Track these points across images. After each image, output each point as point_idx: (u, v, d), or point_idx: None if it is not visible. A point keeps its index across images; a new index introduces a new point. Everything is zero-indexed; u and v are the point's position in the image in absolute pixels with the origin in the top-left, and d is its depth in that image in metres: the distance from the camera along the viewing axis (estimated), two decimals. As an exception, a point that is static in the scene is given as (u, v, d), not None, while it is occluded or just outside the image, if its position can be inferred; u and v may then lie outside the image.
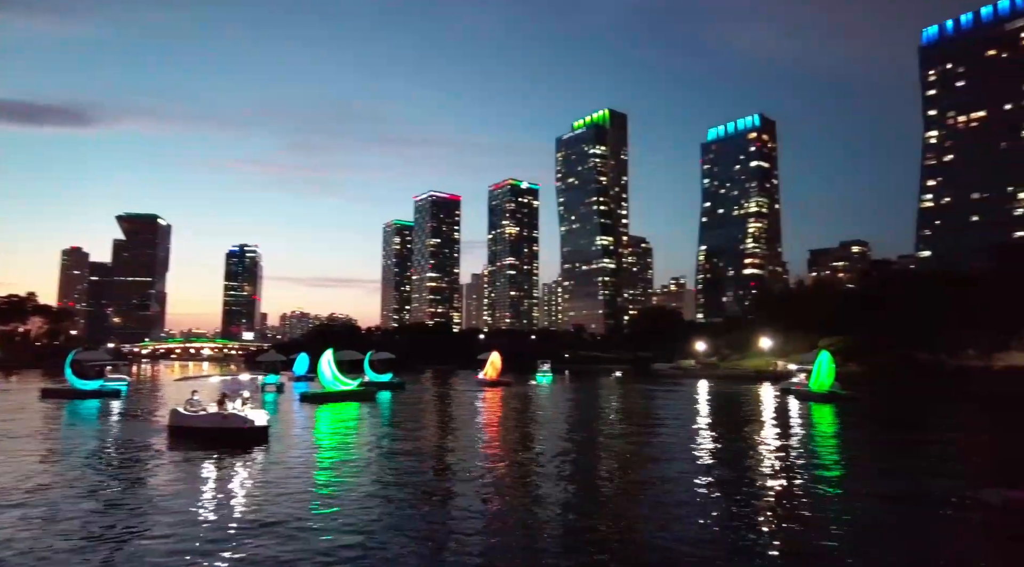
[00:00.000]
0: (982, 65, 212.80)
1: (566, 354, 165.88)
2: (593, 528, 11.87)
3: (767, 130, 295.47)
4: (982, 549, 10.51)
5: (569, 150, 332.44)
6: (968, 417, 35.48)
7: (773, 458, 20.43)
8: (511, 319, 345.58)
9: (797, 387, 50.25)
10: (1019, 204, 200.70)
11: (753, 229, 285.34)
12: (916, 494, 15.07)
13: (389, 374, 60.40)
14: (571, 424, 31.68)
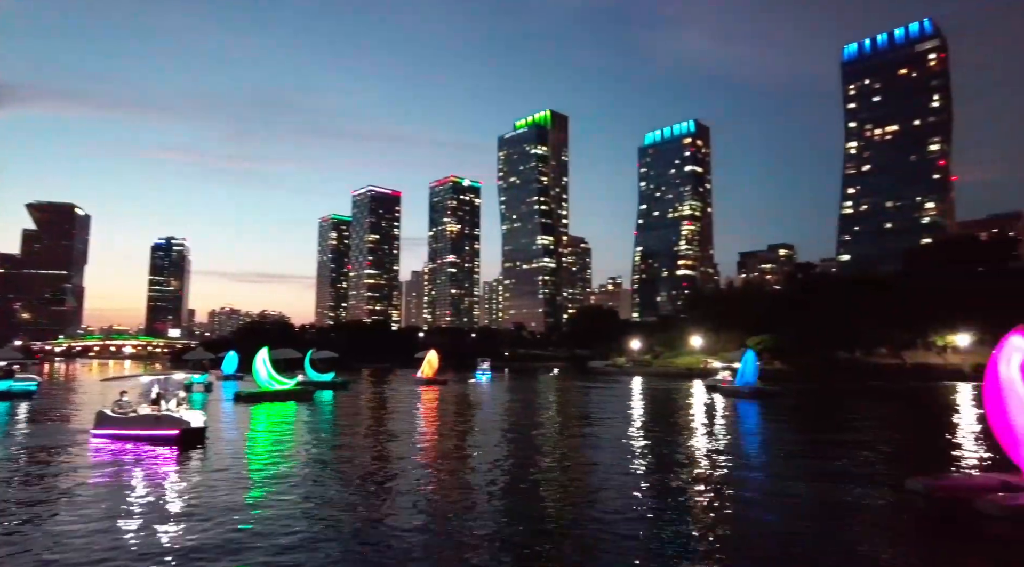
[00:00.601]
0: (895, 82, 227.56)
1: (506, 352, 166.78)
2: (531, 532, 12.07)
3: (701, 136, 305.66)
4: (909, 535, 11.22)
5: (511, 149, 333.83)
6: (882, 411, 37.91)
7: (701, 452, 21.25)
8: (452, 317, 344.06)
9: (723, 384, 52.52)
10: (926, 213, 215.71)
11: (687, 231, 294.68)
12: (842, 485, 15.88)
13: (331, 373, 59.11)
14: (508, 421, 31.95)
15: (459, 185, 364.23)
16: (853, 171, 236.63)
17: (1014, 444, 11.35)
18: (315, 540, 10.78)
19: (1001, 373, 11.48)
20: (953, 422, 30.83)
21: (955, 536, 10.63)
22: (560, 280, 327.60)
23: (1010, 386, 11.30)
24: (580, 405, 41.95)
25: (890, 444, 24.08)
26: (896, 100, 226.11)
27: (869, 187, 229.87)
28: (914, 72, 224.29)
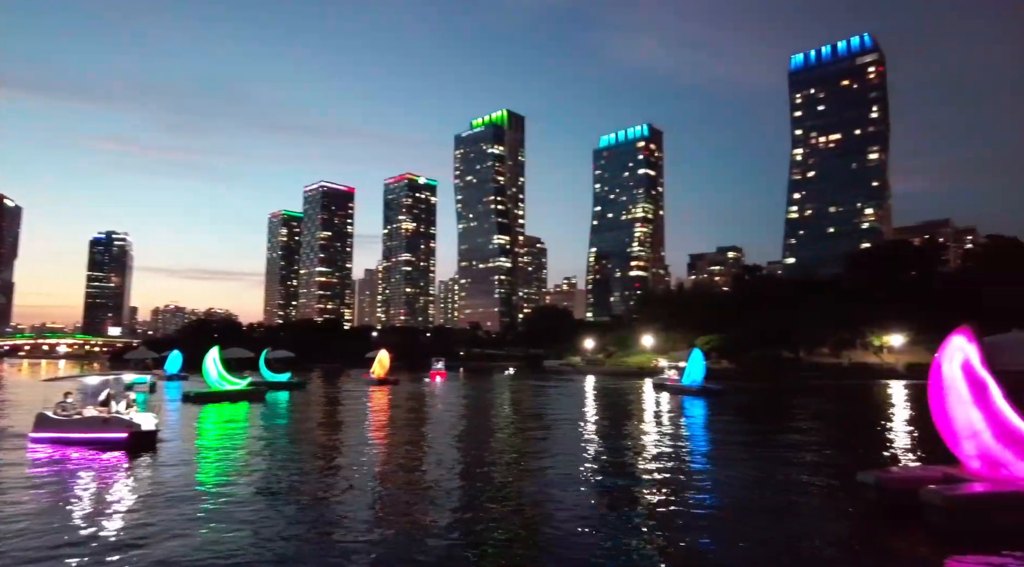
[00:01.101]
0: (838, 93, 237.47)
1: (461, 352, 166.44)
2: (482, 527, 12.24)
3: (655, 140, 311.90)
4: (859, 526, 11.84)
5: (468, 148, 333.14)
6: (823, 408, 39.59)
7: (650, 450, 21.79)
8: (406, 316, 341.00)
9: (670, 382, 53.95)
10: (866, 219, 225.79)
11: (639, 233, 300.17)
12: (791, 479, 16.58)
13: (287, 373, 57.88)
14: (460, 421, 32.06)
15: (415, 183, 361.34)
16: (799, 177, 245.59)
17: (954, 438, 12.18)
18: (265, 540, 10.70)
19: (944, 372, 12.18)
20: (889, 418, 32.48)
21: (902, 524, 11.35)
22: (516, 280, 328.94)
23: (951, 384, 12.05)
24: (533, 404, 42.32)
25: (832, 439, 25.23)
26: (839, 110, 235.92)
27: (813, 193, 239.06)
28: (855, 84, 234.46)
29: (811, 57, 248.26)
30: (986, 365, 11.63)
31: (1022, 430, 11.37)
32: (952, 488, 11.02)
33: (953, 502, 10.61)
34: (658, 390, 53.08)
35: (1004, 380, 11.58)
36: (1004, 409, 11.46)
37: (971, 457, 12.01)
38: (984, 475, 11.74)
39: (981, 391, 11.63)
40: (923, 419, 32.23)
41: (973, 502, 10.77)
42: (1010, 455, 11.49)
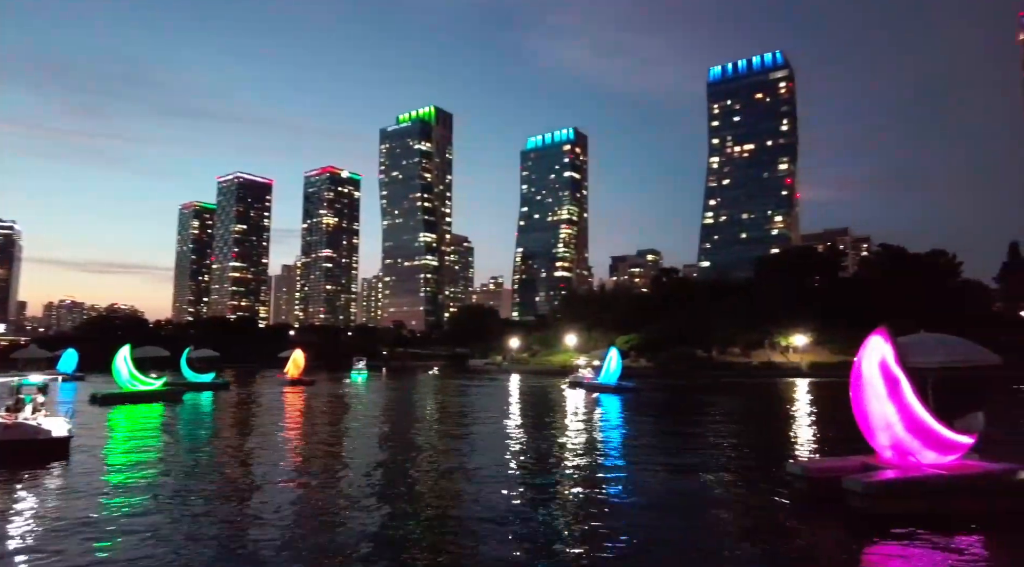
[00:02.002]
0: (752, 105, 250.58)
1: (384, 351, 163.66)
2: (405, 532, 11.87)
3: (580, 143, 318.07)
4: (788, 514, 12.52)
5: (393, 143, 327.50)
6: (734, 404, 41.43)
7: (569, 447, 22.02)
8: (326, 314, 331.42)
9: (586, 380, 55.22)
10: (775, 225, 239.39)
11: (565, 235, 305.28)
12: (717, 471, 17.11)
13: (211, 373, 54.79)
14: (383, 421, 31.34)
15: (337, 176, 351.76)
16: (715, 184, 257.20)
17: (871, 430, 13.24)
18: (177, 552, 9.90)
19: (863, 370, 13.14)
20: (794, 413, 34.36)
21: (826, 510, 12.27)
22: (442, 278, 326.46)
23: (869, 381, 13.04)
24: (455, 403, 42.09)
25: (742, 434, 26.31)
26: (752, 122, 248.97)
27: (728, 200, 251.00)
28: (767, 97, 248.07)
29: (728, 70, 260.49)
30: (900, 363, 12.59)
31: (928, 422, 12.47)
32: (870, 475, 11.98)
33: (872, 488, 11.56)
34: (574, 388, 54.02)
35: (914, 376, 12.65)
36: (913, 403, 12.52)
37: (885, 447, 13.05)
38: (896, 463, 12.77)
39: (895, 387, 12.62)
40: (825, 414, 34.39)
41: (888, 487, 11.72)
42: (918, 444, 12.65)
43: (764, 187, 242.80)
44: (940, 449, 12.64)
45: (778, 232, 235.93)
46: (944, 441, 12.59)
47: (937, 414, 12.55)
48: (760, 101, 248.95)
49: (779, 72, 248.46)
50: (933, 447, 12.62)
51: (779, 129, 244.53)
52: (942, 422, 12.59)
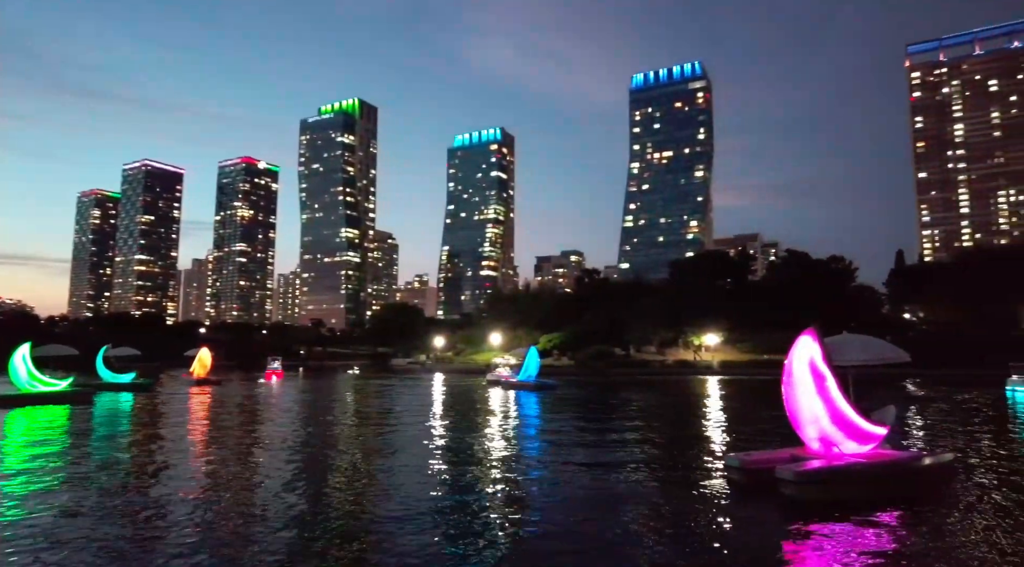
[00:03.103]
0: (672, 114, 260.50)
1: (302, 350, 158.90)
2: (321, 536, 11.52)
3: (507, 144, 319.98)
4: (725, 505, 13.07)
5: (315, 135, 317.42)
6: (647, 401, 42.89)
7: (489, 446, 22.11)
8: (240, 311, 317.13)
9: (504, 378, 55.79)
10: (690, 230, 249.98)
11: (491, 234, 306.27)
12: (634, 465, 17.56)
13: (132, 373, 50.92)
14: (298, 422, 30.34)
15: (254, 167, 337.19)
16: (635, 189, 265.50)
17: (800, 423, 14.28)
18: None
19: (794, 368, 14.10)
20: (705, 409, 35.95)
21: (760, 498, 13.16)
22: (364, 275, 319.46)
23: (799, 378, 14.02)
24: (376, 403, 41.38)
25: (657, 428, 27.20)
26: (671, 129, 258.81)
27: (647, 204, 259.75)
28: (686, 107, 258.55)
29: (649, 78, 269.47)
30: (826, 361, 13.65)
31: (850, 415, 13.69)
32: (800, 465, 12.99)
33: (802, 476, 12.55)
34: (493, 386, 54.36)
35: (838, 373, 13.78)
36: (838, 398, 13.66)
37: (812, 439, 14.10)
38: (822, 454, 13.89)
39: (822, 383, 13.70)
40: (733, 409, 36.23)
41: (816, 476, 12.74)
42: (841, 435, 13.81)
43: (681, 193, 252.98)
44: (860, 439, 13.86)
45: (693, 236, 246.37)
46: (863, 432, 13.85)
47: (856, 408, 13.79)
48: (679, 110, 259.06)
49: (697, 82, 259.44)
50: (854, 438, 13.81)
51: (696, 137, 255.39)
52: (861, 415, 13.85)
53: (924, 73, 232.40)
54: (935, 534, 10.76)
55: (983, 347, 70.98)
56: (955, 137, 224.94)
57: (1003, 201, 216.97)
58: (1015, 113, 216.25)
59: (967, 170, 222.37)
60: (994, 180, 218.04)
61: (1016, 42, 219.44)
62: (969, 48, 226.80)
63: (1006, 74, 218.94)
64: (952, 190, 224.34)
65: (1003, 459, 18.01)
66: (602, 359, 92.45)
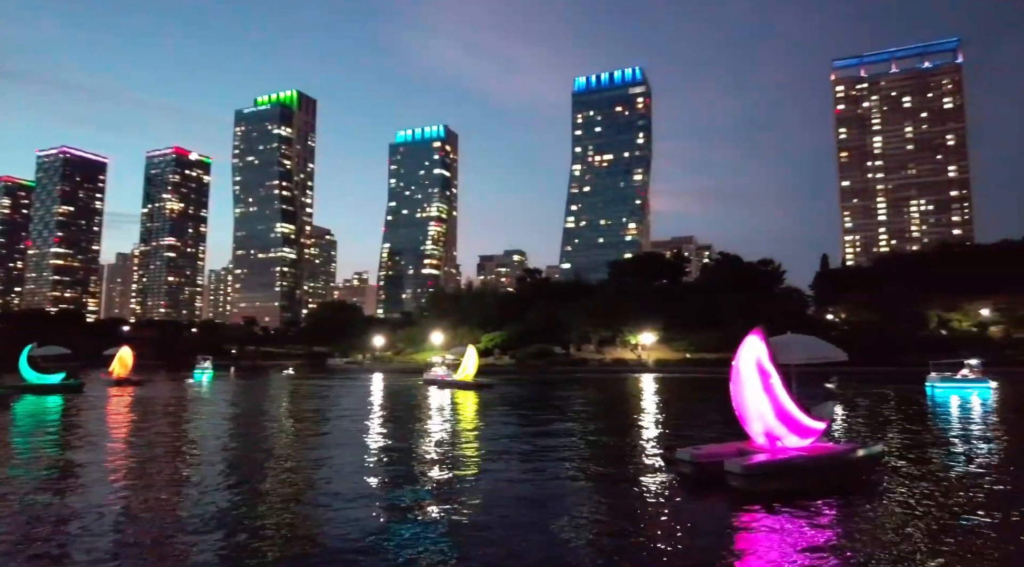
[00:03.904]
0: (612, 118, 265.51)
1: (233, 349, 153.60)
2: (249, 540, 11.15)
3: (451, 141, 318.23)
4: (676, 497, 13.61)
5: (250, 126, 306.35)
6: (585, 398, 43.56)
7: (423, 441, 21.96)
8: (168, 308, 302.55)
9: (440, 377, 55.68)
10: (629, 232, 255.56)
11: (433, 232, 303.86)
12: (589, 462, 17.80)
13: (61, 374, 47.32)
14: (228, 425, 29.27)
15: (185, 158, 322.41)
16: (576, 191, 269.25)
17: (746, 420, 15.00)
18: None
19: (741, 366, 14.76)
20: (640, 405, 36.82)
21: (710, 489, 13.71)
22: (301, 272, 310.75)
23: (747, 376, 14.68)
24: (310, 404, 40.47)
25: (591, 425, 27.66)
26: (612, 133, 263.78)
27: (588, 206, 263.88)
28: (626, 111, 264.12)
29: (592, 82, 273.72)
30: (772, 360, 14.34)
31: (793, 411, 14.48)
32: (746, 458, 13.63)
33: (749, 469, 13.17)
34: (430, 385, 54.07)
35: (782, 371, 14.47)
36: (782, 394, 14.42)
37: (758, 434, 14.81)
38: (767, 448, 14.61)
39: (767, 381, 14.39)
40: (667, 406, 37.30)
41: (762, 468, 13.41)
42: (785, 430, 14.56)
43: (621, 196, 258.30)
44: (801, 434, 14.64)
45: (632, 238, 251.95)
46: (805, 427, 14.65)
47: (799, 404, 14.63)
48: (620, 114, 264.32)
49: (637, 88, 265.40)
50: (796, 432, 14.61)
51: (635, 142, 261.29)
52: (803, 410, 14.66)
53: (847, 87, 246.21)
54: (869, 520, 11.51)
55: (898, 346, 75.85)
56: (874, 149, 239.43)
57: (915, 210, 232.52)
58: (925, 129, 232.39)
59: (884, 180, 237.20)
60: (907, 190, 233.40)
61: (927, 62, 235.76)
62: (887, 66, 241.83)
63: (918, 92, 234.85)
64: (871, 199, 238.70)
65: (926, 451, 19.33)
66: (542, 358, 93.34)
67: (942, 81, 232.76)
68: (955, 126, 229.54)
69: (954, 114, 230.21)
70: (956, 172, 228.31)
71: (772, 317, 71.61)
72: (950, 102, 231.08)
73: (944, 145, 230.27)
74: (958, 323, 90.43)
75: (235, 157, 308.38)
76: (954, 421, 27.66)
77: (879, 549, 9.77)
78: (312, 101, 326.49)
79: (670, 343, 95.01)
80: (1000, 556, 9.45)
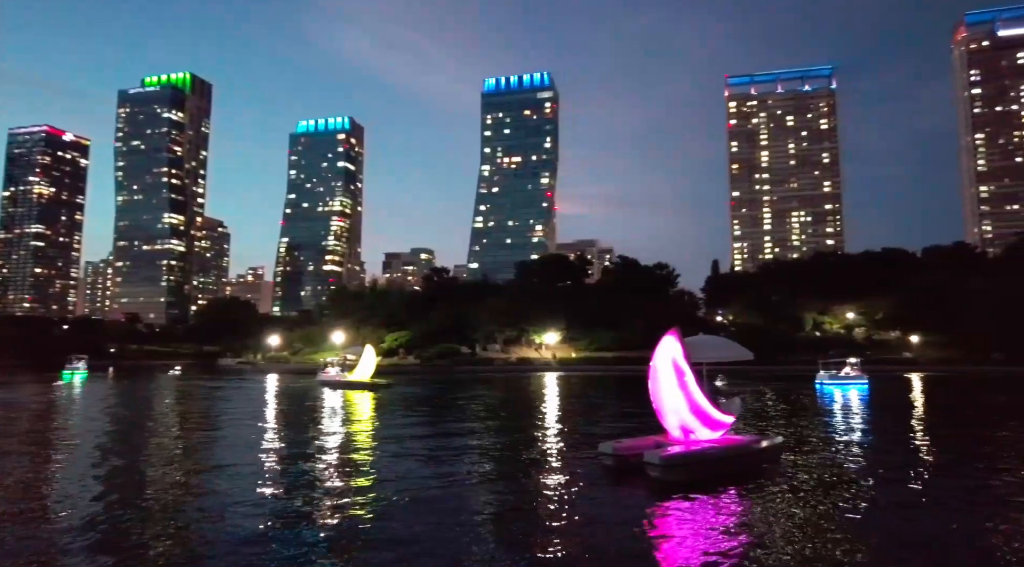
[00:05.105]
0: (521, 120, 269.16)
1: (112, 348, 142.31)
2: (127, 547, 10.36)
3: (356, 134, 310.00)
4: (598, 487, 14.30)
5: (136, 108, 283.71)
6: (487, 397, 43.85)
7: (324, 450, 21.32)
8: (34, 303, 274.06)
9: (336, 378, 54.62)
10: (536, 234, 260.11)
11: (336, 227, 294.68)
12: (500, 458, 17.80)
13: None
14: (105, 429, 27.02)
15: (58, 138, 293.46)
16: (484, 191, 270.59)
17: (663, 415, 15.98)
18: None
19: (658, 364, 15.67)
20: (542, 403, 37.51)
21: (630, 480, 14.55)
22: (190, 266, 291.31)
23: (663, 374, 15.60)
24: (196, 406, 38.30)
25: (489, 423, 27.85)
26: (521, 136, 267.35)
27: (496, 207, 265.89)
28: (535, 115, 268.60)
29: (501, 84, 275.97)
30: (686, 358, 15.38)
31: (705, 406, 15.60)
32: (664, 450, 14.57)
33: (666, 460, 14.07)
34: (324, 387, 52.61)
35: (695, 369, 15.56)
36: (695, 391, 15.49)
37: (674, 427, 15.89)
38: (682, 440, 15.68)
39: (682, 378, 15.44)
40: (567, 403, 38.27)
41: (678, 460, 14.35)
42: (698, 423, 15.65)
43: (528, 198, 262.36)
44: (712, 427, 15.79)
45: (538, 240, 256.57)
46: (715, 421, 15.81)
47: (710, 399, 15.79)
48: (528, 117, 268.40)
49: (546, 92, 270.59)
50: (708, 426, 15.75)
51: (543, 145, 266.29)
52: (714, 405, 15.83)
53: (739, 104, 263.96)
54: (770, 504, 12.63)
55: (778, 346, 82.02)
56: (761, 163, 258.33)
57: (796, 221, 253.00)
58: (805, 146, 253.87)
59: (770, 192, 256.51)
60: (789, 202, 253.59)
61: (807, 85, 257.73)
62: (774, 86, 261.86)
63: (799, 112, 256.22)
64: (758, 209, 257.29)
65: (819, 442, 21.10)
66: (448, 358, 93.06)
67: (819, 103, 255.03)
68: (830, 145, 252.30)
69: (829, 134, 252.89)
70: (830, 187, 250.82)
71: (665, 318, 75.37)
72: (826, 123, 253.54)
73: (820, 162, 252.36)
74: (830, 325, 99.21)
75: (118, 141, 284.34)
76: (841, 415, 30.19)
77: (777, 529, 10.79)
78: (207, 85, 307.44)
79: (572, 342, 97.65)
80: (875, 535, 10.49)
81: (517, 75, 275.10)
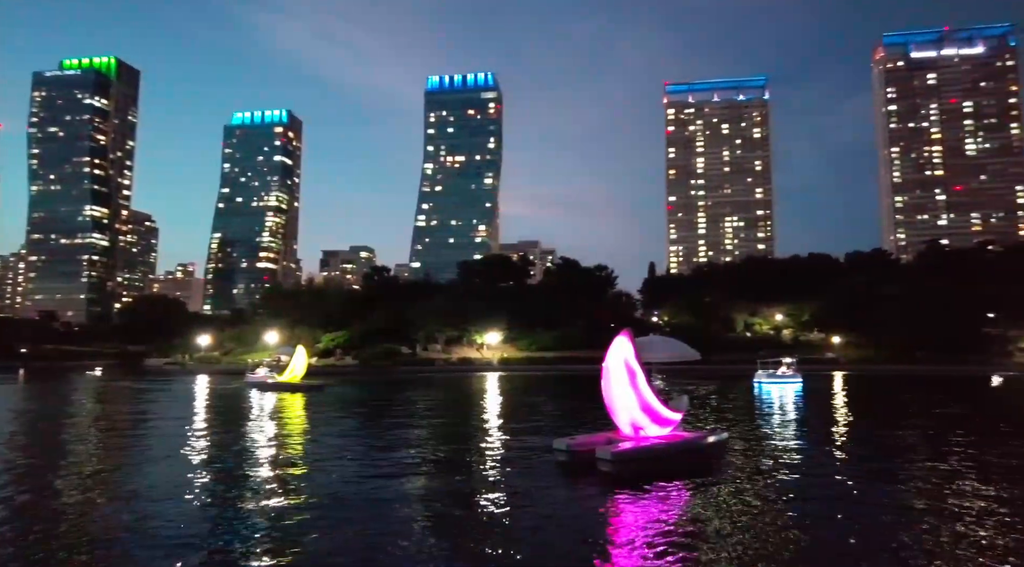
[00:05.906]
0: (465, 120, 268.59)
1: (23, 348, 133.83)
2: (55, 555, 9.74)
3: (294, 128, 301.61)
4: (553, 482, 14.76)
5: (54, 92, 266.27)
6: (425, 398, 43.49)
7: (245, 449, 20.66)
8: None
9: (260, 379, 53.38)
10: (479, 234, 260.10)
11: (271, 223, 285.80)
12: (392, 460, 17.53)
13: None
14: (14, 436, 25.32)
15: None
16: (428, 189, 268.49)
17: (614, 412, 16.51)
18: None
19: (611, 364, 16.19)
20: (483, 402, 37.54)
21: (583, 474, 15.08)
22: (114, 262, 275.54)
23: (615, 373, 16.14)
24: (116, 409, 36.39)
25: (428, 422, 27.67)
26: (464, 135, 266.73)
27: (439, 206, 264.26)
28: (479, 115, 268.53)
29: (445, 82, 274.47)
30: (637, 357, 15.96)
31: (654, 404, 16.26)
32: (615, 446, 15.17)
33: (616, 456, 14.68)
34: (252, 388, 51.00)
35: (645, 368, 16.17)
36: (645, 389, 16.09)
37: (625, 424, 16.46)
38: (632, 437, 16.31)
39: (632, 377, 16.00)
40: (508, 402, 38.41)
41: (628, 455, 14.97)
42: (647, 420, 16.30)
43: (472, 197, 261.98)
44: (661, 424, 16.43)
45: (481, 240, 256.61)
46: (664, 418, 16.45)
47: (659, 397, 16.44)
48: (472, 117, 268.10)
49: (490, 93, 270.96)
50: (657, 422, 16.39)
51: (487, 146, 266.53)
52: (663, 403, 16.47)
53: (677, 111, 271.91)
54: (715, 496, 13.29)
55: (711, 346, 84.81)
56: (697, 169, 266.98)
57: (729, 226, 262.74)
58: (739, 154, 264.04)
59: (705, 197, 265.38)
60: (723, 208, 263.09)
61: (741, 96, 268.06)
62: (710, 95, 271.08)
63: (734, 121, 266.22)
64: (693, 213, 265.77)
65: (759, 437, 22.16)
66: (388, 358, 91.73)
67: (752, 113, 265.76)
68: (762, 154, 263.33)
69: (761, 143, 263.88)
70: (762, 194, 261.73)
71: (604, 319, 76.98)
72: (759, 132, 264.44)
73: (753, 169, 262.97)
74: (759, 326, 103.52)
75: (32, 126, 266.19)
76: (779, 412, 31.68)
77: (722, 518, 11.40)
78: (135, 71, 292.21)
79: (514, 342, 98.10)
80: (809, 523, 11.21)
81: (461, 74, 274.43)
